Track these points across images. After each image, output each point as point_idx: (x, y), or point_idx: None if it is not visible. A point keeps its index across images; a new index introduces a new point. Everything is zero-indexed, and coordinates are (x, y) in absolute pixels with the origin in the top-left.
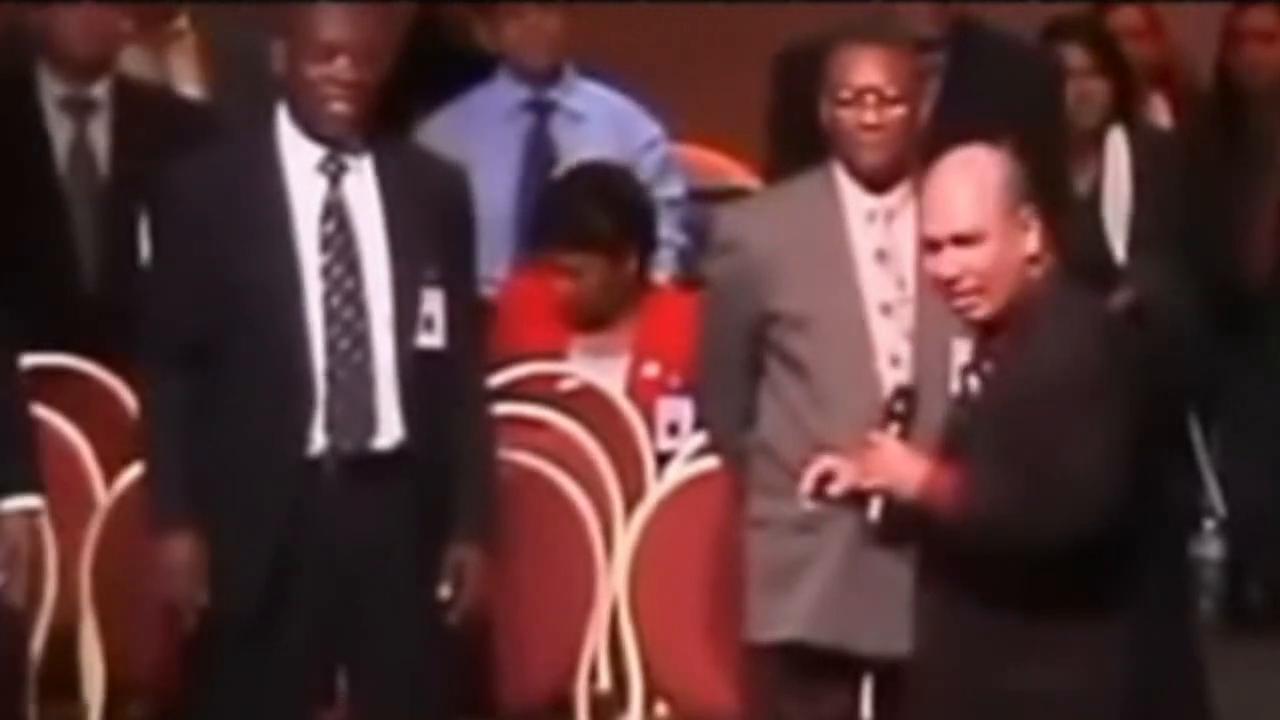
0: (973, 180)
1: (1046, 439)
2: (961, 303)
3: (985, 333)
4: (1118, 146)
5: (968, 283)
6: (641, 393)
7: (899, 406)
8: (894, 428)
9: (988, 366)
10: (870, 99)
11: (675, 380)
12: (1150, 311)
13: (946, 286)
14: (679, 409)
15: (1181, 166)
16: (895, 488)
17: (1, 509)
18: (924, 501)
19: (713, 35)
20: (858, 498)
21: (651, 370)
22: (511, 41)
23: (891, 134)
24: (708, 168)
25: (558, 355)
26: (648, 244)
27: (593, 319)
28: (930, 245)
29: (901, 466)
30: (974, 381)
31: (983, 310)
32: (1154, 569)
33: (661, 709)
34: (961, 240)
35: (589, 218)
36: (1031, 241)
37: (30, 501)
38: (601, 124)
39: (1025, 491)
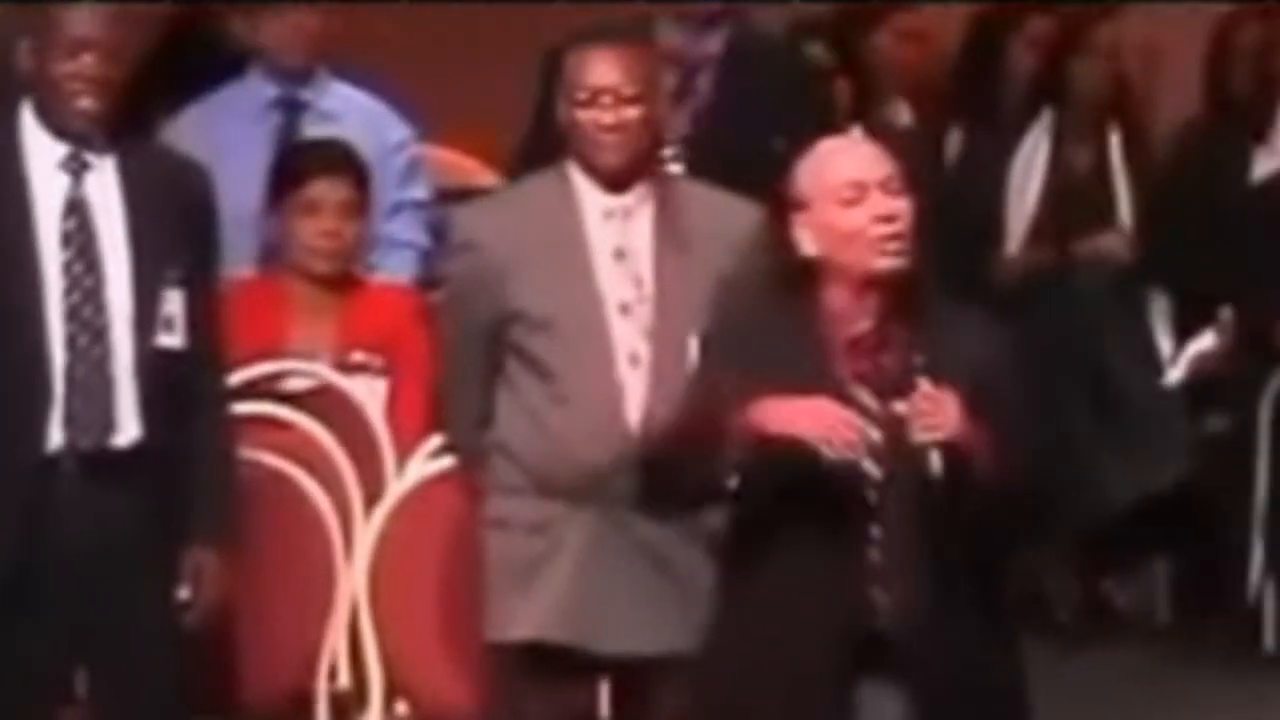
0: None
1: (1021, 410)
2: (897, 246)
3: (878, 325)
4: None
5: (901, 225)
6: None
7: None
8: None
9: (919, 361)
10: (607, 99)
11: (379, 362)
12: None
13: (882, 232)
14: None
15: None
16: (954, 440)
17: None
18: (971, 454)
19: (463, 35)
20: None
21: (357, 357)
22: (271, 39)
23: (630, 134)
24: (455, 168)
25: (276, 354)
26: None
27: (338, 255)
28: (855, 191)
29: (959, 418)
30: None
31: (907, 260)
32: None
33: (401, 707)
34: (888, 186)
35: (333, 147)
36: None
37: None
38: (353, 124)
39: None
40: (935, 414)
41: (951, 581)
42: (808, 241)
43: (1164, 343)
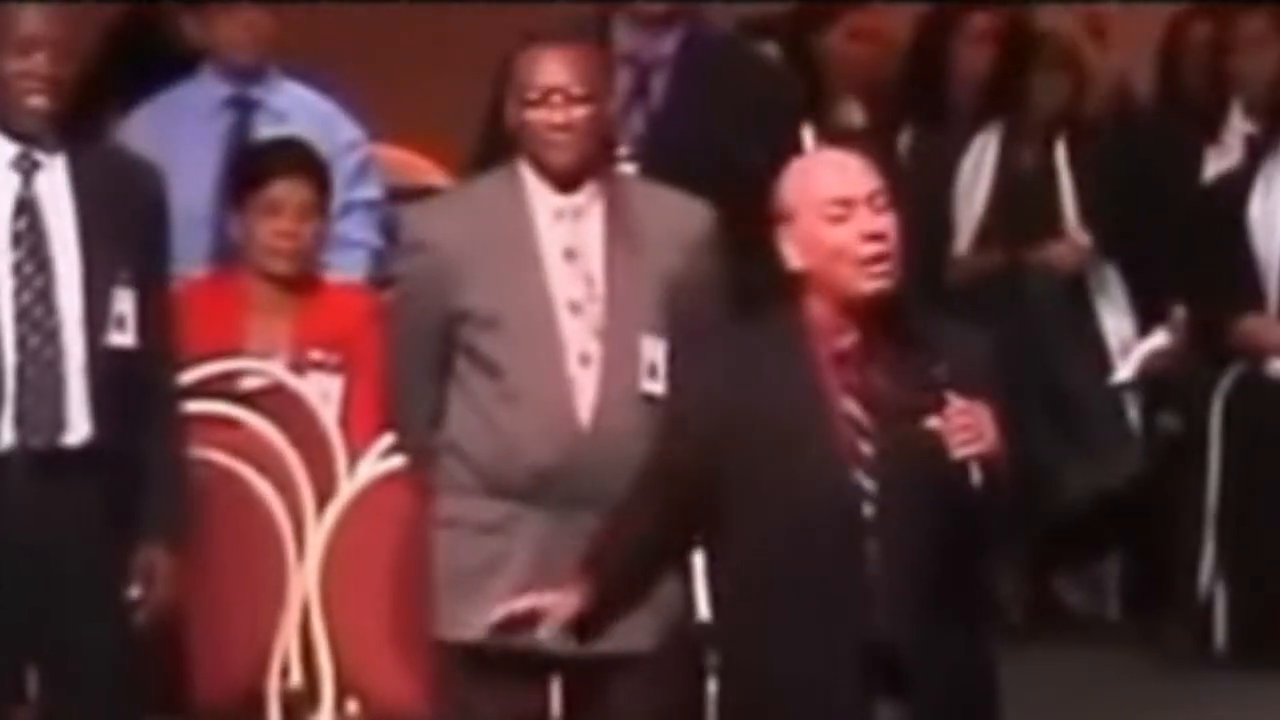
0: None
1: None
2: (885, 267)
3: (864, 347)
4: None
5: (888, 245)
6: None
7: (941, 372)
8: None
9: (942, 373)
10: (557, 99)
11: (335, 359)
12: None
13: (868, 251)
14: None
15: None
16: (991, 451)
17: None
18: (1003, 461)
19: (416, 37)
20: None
21: (315, 355)
22: (223, 38)
23: (579, 133)
24: (408, 167)
25: (234, 353)
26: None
27: (296, 255)
28: (842, 208)
29: (995, 428)
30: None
31: (893, 280)
32: None
33: (353, 706)
34: (874, 202)
35: (294, 149)
36: None
37: None
38: (304, 124)
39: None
40: (973, 427)
41: (946, 591)
42: (792, 254)
43: (1125, 328)
